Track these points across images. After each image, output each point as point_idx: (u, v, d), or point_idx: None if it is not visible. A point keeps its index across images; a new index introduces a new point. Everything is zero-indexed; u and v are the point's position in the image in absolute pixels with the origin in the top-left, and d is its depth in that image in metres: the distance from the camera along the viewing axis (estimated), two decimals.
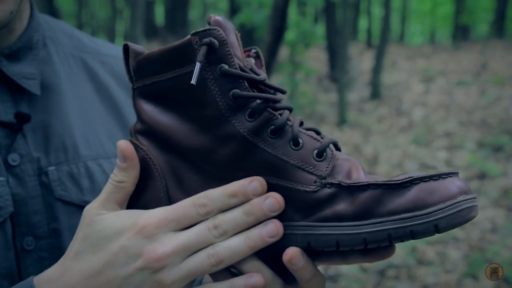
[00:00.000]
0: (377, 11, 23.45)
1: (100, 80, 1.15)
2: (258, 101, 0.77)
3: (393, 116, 9.91)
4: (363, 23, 25.39)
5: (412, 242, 4.82)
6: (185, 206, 0.75)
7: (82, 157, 1.06)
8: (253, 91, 0.78)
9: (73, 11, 18.53)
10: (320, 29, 14.74)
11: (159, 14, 23.22)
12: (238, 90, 0.77)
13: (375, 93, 11.20)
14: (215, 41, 0.76)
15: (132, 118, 1.14)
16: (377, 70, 11.14)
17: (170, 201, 0.79)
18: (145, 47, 0.84)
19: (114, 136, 1.11)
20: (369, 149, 8.18)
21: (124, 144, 0.79)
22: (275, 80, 11.26)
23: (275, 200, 0.75)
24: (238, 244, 0.75)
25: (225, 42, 0.77)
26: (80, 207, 0.99)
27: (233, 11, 11.95)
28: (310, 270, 0.76)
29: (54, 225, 1.00)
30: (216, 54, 0.76)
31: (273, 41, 6.03)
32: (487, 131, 8.38)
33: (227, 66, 0.77)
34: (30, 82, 1.01)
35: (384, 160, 7.62)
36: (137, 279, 0.74)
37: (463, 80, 11.62)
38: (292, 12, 10.31)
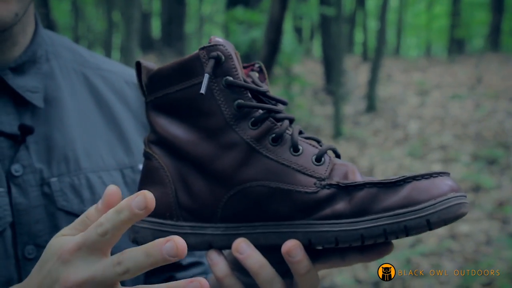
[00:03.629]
0: (373, 24, 23.52)
1: (101, 95, 1.18)
2: (261, 111, 0.82)
3: (389, 129, 9.93)
4: (359, 36, 25.45)
5: (406, 253, 4.86)
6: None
7: (83, 169, 1.08)
8: (256, 102, 0.83)
9: (69, 24, 18.54)
10: (316, 43, 14.78)
11: (156, 27, 23.26)
12: (242, 101, 0.82)
13: (371, 106, 11.21)
14: (222, 55, 0.82)
15: (130, 132, 1.18)
16: (372, 83, 11.14)
17: (179, 205, 0.84)
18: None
19: (114, 149, 1.14)
20: (364, 161, 8.20)
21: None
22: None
23: (173, 244, 0.67)
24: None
25: (230, 56, 0.82)
26: None
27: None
28: (306, 265, 0.80)
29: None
30: (222, 67, 0.82)
31: (268, 54, 6.06)
32: (482, 144, 8.41)
33: (232, 78, 0.82)
34: (34, 95, 1.04)
35: (380, 172, 7.64)
36: None
37: (458, 94, 11.65)
38: (288, 26, 10.32)
